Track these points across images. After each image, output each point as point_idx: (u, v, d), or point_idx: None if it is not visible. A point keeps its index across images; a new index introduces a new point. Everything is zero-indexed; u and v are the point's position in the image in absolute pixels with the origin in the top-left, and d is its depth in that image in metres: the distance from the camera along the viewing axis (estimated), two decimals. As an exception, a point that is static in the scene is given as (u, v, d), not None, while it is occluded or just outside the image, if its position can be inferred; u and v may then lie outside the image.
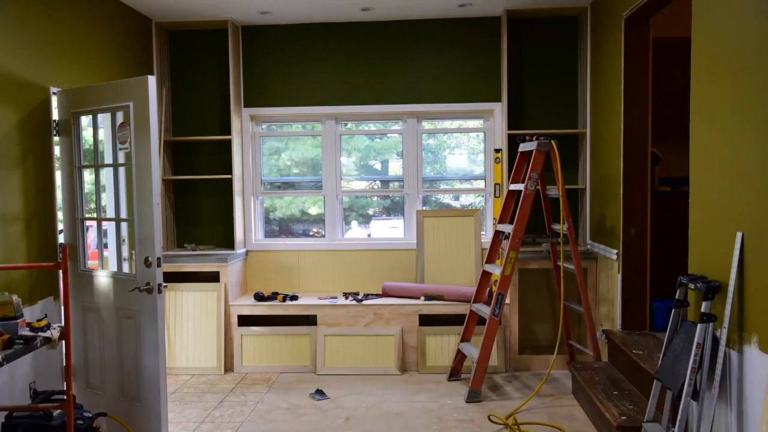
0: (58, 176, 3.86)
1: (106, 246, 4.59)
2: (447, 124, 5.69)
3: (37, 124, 3.63)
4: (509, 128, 5.12)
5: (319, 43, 5.36)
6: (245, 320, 5.10)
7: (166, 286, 3.56)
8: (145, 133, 3.46)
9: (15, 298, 2.88)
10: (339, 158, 5.52)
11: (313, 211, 5.78)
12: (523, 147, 4.56)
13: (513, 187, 4.58)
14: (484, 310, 4.42)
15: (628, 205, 4.19)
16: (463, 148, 5.87)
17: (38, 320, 2.97)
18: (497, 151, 5.13)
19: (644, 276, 4.27)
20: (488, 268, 4.62)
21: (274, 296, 5.20)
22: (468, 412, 4.11)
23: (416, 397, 4.40)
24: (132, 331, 3.59)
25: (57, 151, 3.88)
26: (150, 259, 3.48)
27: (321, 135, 5.54)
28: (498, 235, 4.64)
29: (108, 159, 3.93)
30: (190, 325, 5.03)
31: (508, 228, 4.41)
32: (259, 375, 4.96)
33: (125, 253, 4.23)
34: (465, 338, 4.70)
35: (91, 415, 3.23)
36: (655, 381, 3.03)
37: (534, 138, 4.47)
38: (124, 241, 4.23)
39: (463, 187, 5.81)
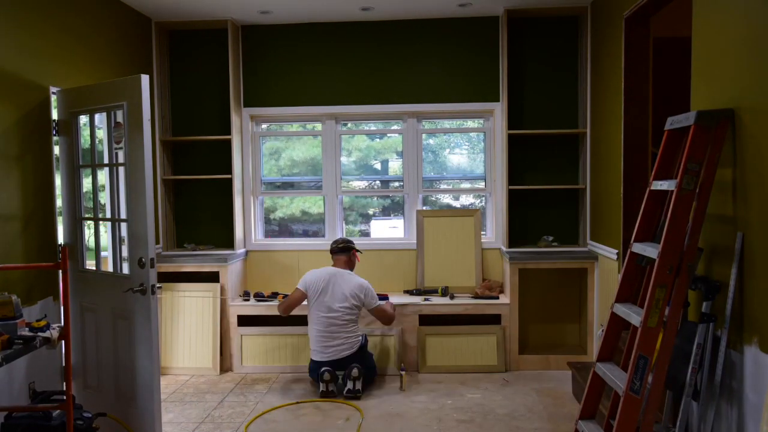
0: (58, 176, 3.86)
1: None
2: (447, 124, 5.69)
3: (37, 123, 3.62)
4: (509, 128, 5.12)
5: (319, 43, 5.36)
6: (245, 320, 5.09)
7: (160, 287, 3.54)
8: (138, 133, 3.45)
9: (14, 298, 2.87)
10: (339, 158, 5.51)
11: (314, 210, 5.77)
12: (674, 122, 2.87)
13: (657, 185, 2.90)
14: (616, 379, 2.79)
15: (628, 205, 4.17)
16: (464, 148, 5.86)
17: (37, 320, 2.96)
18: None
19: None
20: (621, 311, 2.92)
21: (274, 296, 5.19)
22: (468, 412, 4.11)
23: (416, 397, 4.39)
24: (126, 331, 3.58)
25: (57, 150, 3.88)
26: (143, 259, 3.47)
27: (321, 135, 5.53)
28: (634, 260, 3.00)
29: (107, 159, 3.93)
30: (191, 324, 5.02)
31: (651, 250, 2.74)
32: (259, 375, 4.96)
33: (125, 253, 4.21)
34: (585, 414, 3.10)
35: (90, 415, 3.23)
36: (655, 381, 3.01)
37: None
38: (123, 241, 4.22)
39: (463, 186, 5.80)
